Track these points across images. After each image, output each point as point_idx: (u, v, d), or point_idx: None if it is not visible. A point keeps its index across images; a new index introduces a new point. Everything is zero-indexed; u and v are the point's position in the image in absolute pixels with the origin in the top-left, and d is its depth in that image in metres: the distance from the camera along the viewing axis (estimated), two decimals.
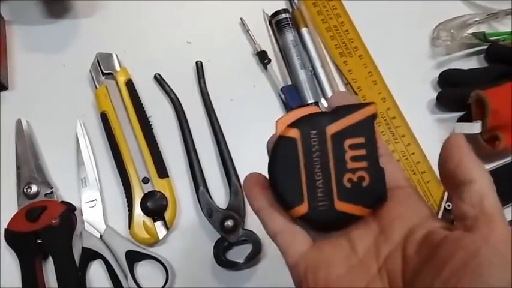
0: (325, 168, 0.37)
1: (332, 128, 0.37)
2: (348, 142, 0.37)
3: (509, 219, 0.61)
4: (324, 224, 0.37)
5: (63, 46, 0.71)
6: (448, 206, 0.60)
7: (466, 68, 0.69)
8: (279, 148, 0.37)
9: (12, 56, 0.70)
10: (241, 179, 0.61)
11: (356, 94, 0.67)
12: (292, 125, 0.37)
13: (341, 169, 0.36)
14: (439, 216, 0.61)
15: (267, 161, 0.39)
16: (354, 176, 0.36)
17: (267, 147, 0.40)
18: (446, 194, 0.61)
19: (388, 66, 0.70)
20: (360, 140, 0.37)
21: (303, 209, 0.37)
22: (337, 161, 0.37)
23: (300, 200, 0.37)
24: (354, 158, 0.37)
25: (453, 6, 0.73)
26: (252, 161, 0.63)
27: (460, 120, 0.66)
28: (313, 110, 0.38)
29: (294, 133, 0.37)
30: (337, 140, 0.37)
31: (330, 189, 0.36)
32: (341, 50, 0.71)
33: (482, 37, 0.69)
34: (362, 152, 0.37)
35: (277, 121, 0.39)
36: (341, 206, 0.36)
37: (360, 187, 0.36)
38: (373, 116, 0.37)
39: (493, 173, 0.63)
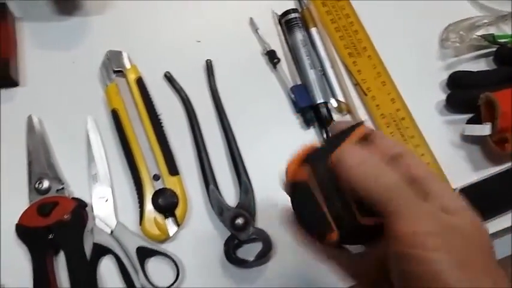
0: (340, 193, 0.38)
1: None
2: None
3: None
4: (355, 240, 0.41)
5: (74, 43, 0.71)
6: None
7: (475, 70, 0.70)
8: (296, 193, 0.41)
9: (23, 53, 0.70)
10: (251, 177, 0.62)
11: (365, 95, 0.68)
12: (301, 164, 0.40)
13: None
14: None
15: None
16: None
17: (284, 189, 0.43)
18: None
19: (397, 68, 0.70)
20: None
21: (334, 235, 0.39)
22: None
23: (329, 229, 0.39)
24: None
25: (462, 7, 0.73)
26: (262, 159, 0.65)
27: (469, 122, 0.66)
28: (312, 146, 0.41)
29: (304, 175, 0.40)
30: None
31: (351, 208, 0.38)
32: (350, 50, 0.71)
33: (491, 39, 0.70)
34: None
35: (287, 166, 0.41)
36: (365, 220, 0.38)
37: None
38: (366, 136, 0.40)
39: (496, 177, 0.64)
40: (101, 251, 0.59)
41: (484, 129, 0.62)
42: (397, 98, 0.68)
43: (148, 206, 0.60)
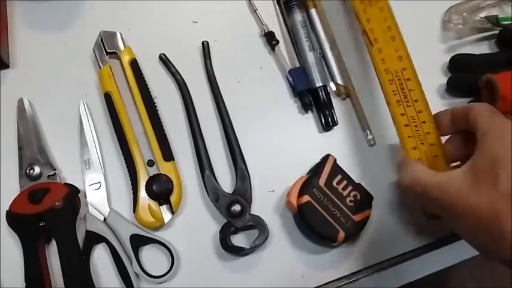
0: (335, 204, 0.58)
1: (321, 181, 0.59)
2: (334, 182, 0.59)
3: None
4: (356, 232, 0.59)
5: (66, 24, 0.68)
6: None
7: (477, 53, 0.68)
8: (304, 212, 0.57)
9: (14, 34, 0.68)
10: (248, 163, 0.61)
11: (372, 45, 0.62)
12: (300, 193, 0.58)
13: (342, 198, 0.58)
14: None
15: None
16: (350, 197, 0.59)
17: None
18: None
19: None
20: (339, 177, 0.59)
21: (342, 235, 0.57)
22: (336, 195, 0.58)
23: (337, 231, 0.57)
24: (343, 188, 0.59)
25: None
26: (259, 144, 0.63)
27: None
28: (303, 179, 0.60)
29: (306, 198, 0.57)
30: (328, 185, 0.59)
31: (346, 212, 0.58)
32: None
33: (494, 21, 0.68)
34: (344, 182, 0.59)
35: (290, 199, 0.58)
36: (357, 217, 0.58)
37: (357, 200, 0.59)
38: (335, 161, 0.60)
39: None
40: (94, 238, 0.58)
41: None
42: (405, 57, 0.61)
43: (142, 193, 0.58)
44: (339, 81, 0.67)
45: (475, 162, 0.44)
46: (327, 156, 0.60)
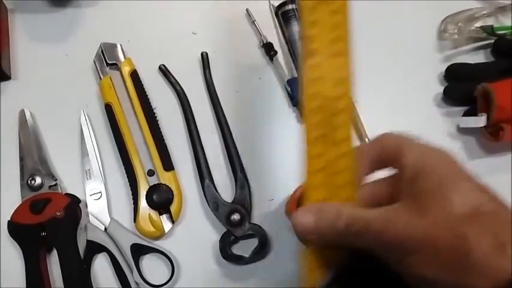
0: None
1: None
2: None
3: None
4: None
5: (67, 35, 0.69)
6: None
7: (473, 62, 0.69)
8: None
9: (15, 45, 0.69)
10: (247, 172, 0.62)
11: (305, 59, 0.40)
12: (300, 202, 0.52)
13: None
14: None
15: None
16: None
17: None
18: None
19: (395, 60, 0.69)
20: None
21: None
22: None
23: None
24: None
25: None
26: (258, 153, 0.64)
27: (466, 114, 0.66)
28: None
29: None
30: None
31: None
32: None
33: (490, 31, 0.69)
34: None
35: (289, 207, 0.57)
36: None
37: None
38: None
39: None
40: (94, 248, 0.58)
41: (479, 121, 0.62)
42: (346, 81, 0.41)
43: (143, 202, 0.59)
44: None
45: (413, 189, 0.36)
46: None
